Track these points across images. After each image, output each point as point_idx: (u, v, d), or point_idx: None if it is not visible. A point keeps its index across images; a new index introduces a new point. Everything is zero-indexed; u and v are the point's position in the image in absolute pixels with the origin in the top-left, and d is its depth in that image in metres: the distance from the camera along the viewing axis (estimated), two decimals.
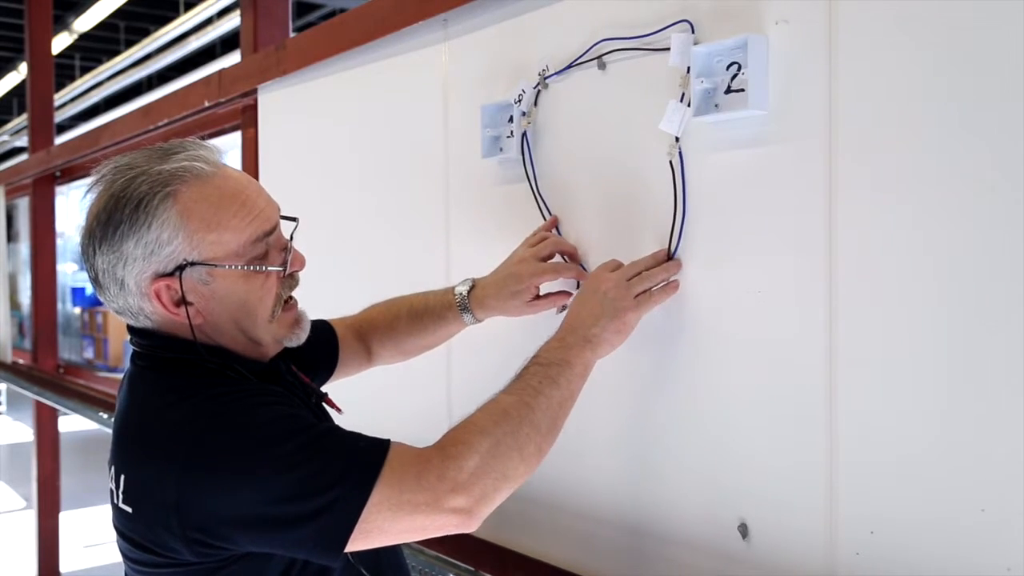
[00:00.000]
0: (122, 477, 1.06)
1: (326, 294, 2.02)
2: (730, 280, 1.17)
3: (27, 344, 5.40)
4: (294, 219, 1.17)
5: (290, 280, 1.15)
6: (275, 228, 1.11)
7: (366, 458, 1.01)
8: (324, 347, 1.45)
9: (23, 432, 8.90)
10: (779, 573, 1.13)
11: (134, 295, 1.07)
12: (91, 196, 1.08)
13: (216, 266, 1.06)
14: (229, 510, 0.99)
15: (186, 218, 1.04)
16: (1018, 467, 0.90)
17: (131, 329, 1.14)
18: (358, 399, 1.88)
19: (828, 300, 1.06)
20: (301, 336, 1.17)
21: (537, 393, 1.09)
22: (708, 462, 1.22)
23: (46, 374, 4.30)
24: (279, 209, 1.15)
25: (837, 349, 1.06)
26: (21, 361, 4.95)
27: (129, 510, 1.05)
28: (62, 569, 4.48)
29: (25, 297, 6.53)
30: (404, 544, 1.53)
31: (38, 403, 4.29)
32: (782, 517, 1.13)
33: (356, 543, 1.00)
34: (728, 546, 1.19)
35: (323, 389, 1.37)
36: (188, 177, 1.05)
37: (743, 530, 1.17)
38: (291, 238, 1.15)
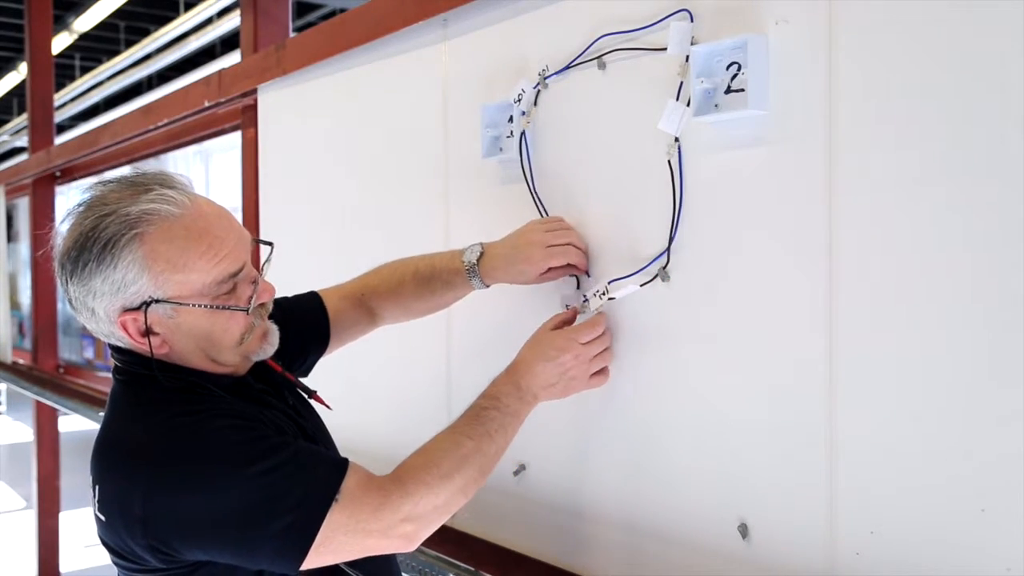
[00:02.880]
0: (97, 487, 1.11)
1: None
2: (730, 280, 1.17)
3: (27, 344, 5.39)
4: (269, 244, 1.21)
5: (260, 309, 1.18)
6: (243, 267, 1.14)
7: (323, 484, 1.07)
8: (312, 326, 1.48)
9: (23, 432, 8.90)
10: (779, 573, 1.13)
11: (104, 322, 1.12)
12: (65, 226, 1.12)
13: (181, 304, 1.10)
14: (187, 526, 1.04)
15: (151, 260, 1.08)
16: (1018, 468, 0.90)
17: (110, 345, 1.19)
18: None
19: (828, 300, 1.06)
20: (269, 350, 1.21)
21: (491, 440, 1.19)
22: (708, 462, 1.21)
23: (46, 374, 4.30)
24: (250, 242, 1.18)
25: (837, 349, 1.06)
26: (21, 361, 4.95)
27: (104, 519, 1.10)
28: (62, 569, 4.48)
29: (25, 297, 6.51)
30: None
31: (38, 403, 4.29)
32: (782, 517, 1.13)
33: (310, 561, 1.06)
34: (728, 546, 1.19)
35: (319, 384, 1.37)
36: (155, 219, 1.08)
37: (743, 530, 1.17)
38: (265, 265, 1.18)
